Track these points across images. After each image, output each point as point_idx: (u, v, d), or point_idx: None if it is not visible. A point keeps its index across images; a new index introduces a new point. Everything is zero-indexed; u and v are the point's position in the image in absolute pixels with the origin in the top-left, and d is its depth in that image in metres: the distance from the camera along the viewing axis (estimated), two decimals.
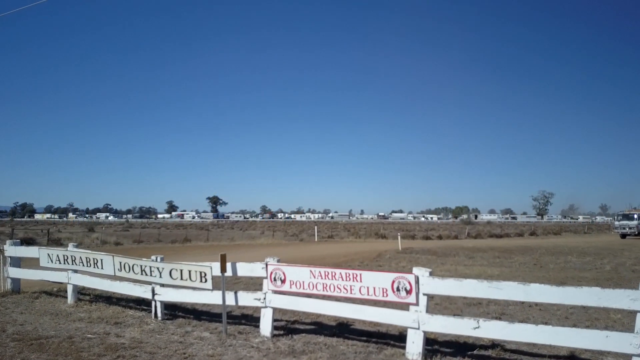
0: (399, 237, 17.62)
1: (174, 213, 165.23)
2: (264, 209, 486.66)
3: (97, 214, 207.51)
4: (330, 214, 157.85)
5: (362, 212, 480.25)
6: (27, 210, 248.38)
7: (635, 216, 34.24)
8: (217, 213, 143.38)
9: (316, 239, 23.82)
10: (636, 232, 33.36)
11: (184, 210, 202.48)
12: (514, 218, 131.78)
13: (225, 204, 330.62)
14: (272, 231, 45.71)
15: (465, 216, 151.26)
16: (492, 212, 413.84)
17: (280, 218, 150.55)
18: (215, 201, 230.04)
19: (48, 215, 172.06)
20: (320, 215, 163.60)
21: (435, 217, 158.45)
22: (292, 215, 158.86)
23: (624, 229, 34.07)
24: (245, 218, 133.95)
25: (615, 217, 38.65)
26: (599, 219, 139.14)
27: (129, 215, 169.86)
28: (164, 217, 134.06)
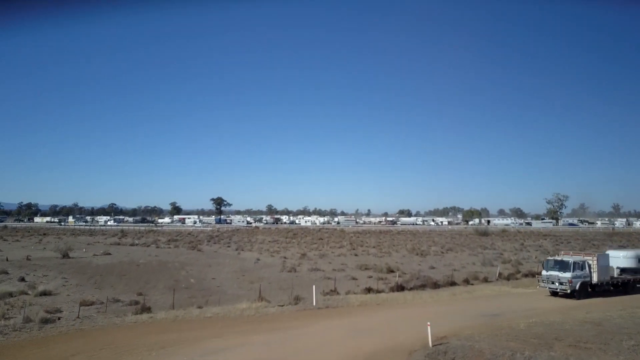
0: (429, 328, 12.23)
1: (175, 217, 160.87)
2: (270, 208, 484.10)
3: (99, 216, 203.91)
4: (337, 219, 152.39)
5: (368, 213, 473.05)
6: (29, 212, 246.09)
7: (571, 262, 22.89)
8: (220, 217, 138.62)
9: (314, 302, 18.51)
10: (569, 291, 22.42)
11: (188, 214, 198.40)
12: (529, 224, 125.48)
13: (229, 205, 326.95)
14: (269, 255, 40.41)
15: (476, 221, 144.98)
16: (501, 212, 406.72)
17: (285, 222, 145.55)
18: (219, 202, 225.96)
19: (48, 218, 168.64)
20: (325, 219, 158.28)
21: (445, 222, 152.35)
22: (297, 220, 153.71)
23: (553, 283, 22.95)
24: (248, 223, 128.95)
25: (544, 263, 24.98)
26: (617, 223, 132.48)
27: (131, 219, 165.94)
28: (162, 224, 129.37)
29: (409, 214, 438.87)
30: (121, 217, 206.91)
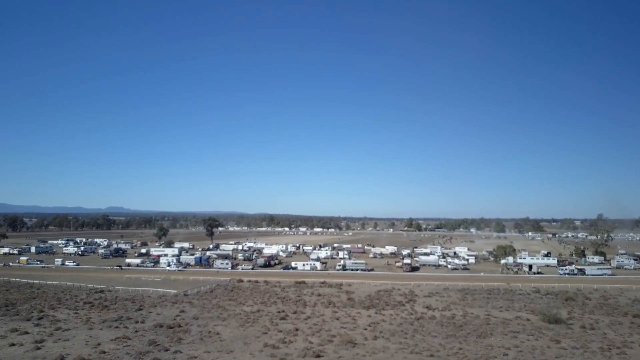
0: None
1: (153, 250, 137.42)
2: (270, 220, 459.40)
3: (70, 242, 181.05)
4: (343, 258, 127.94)
5: (375, 226, 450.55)
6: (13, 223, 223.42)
7: None
8: (200, 257, 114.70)
9: None
10: None
11: (171, 243, 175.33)
12: (582, 271, 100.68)
13: (222, 226, 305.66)
14: None
15: (510, 259, 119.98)
16: (518, 226, 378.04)
17: (278, 260, 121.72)
18: (211, 224, 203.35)
19: (7, 249, 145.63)
20: (328, 253, 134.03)
21: (472, 257, 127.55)
22: (294, 263, 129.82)
23: None
24: (232, 267, 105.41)
25: None
26: None
27: (102, 250, 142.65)
28: (130, 264, 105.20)
29: (419, 228, 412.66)
30: (95, 243, 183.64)
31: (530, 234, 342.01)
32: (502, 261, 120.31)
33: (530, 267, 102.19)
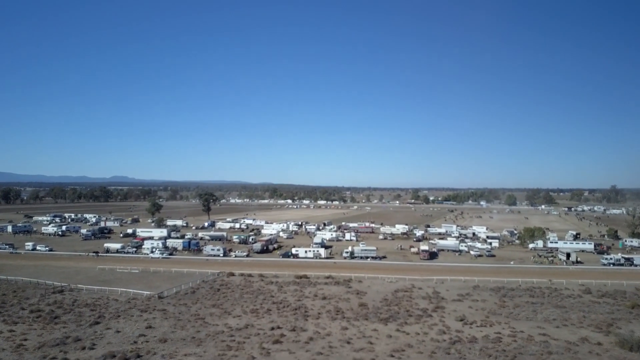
0: None
1: (139, 231, 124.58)
2: (274, 190, 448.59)
3: (56, 218, 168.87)
4: (347, 238, 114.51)
5: (381, 198, 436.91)
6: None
7: None
8: (189, 241, 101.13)
9: None
10: None
11: (162, 220, 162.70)
12: (630, 261, 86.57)
13: (222, 199, 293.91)
14: None
15: (539, 243, 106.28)
16: (529, 198, 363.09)
17: (278, 244, 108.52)
18: (207, 199, 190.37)
19: None
20: (333, 235, 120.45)
21: (495, 242, 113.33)
22: (294, 242, 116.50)
23: None
24: (225, 254, 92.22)
25: None
26: None
27: (85, 230, 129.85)
28: (109, 249, 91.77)
29: (426, 200, 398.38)
30: (83, 219, 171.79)
31: (543, 207, 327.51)
32: (531, 245, 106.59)
33: (568, 255, 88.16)
